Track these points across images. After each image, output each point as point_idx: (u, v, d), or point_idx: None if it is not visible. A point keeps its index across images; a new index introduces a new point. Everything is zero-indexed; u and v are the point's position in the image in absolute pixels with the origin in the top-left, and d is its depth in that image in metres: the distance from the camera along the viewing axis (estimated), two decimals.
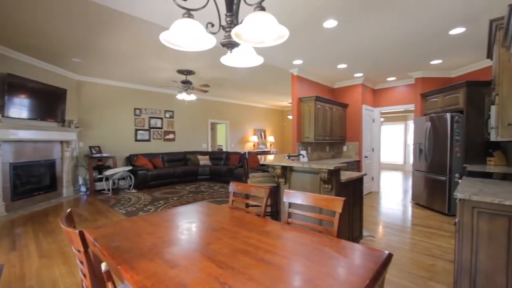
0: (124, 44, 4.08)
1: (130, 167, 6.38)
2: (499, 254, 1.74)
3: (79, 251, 1.07)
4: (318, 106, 4.91)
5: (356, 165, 5.68)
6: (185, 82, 5.93)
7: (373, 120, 6.30)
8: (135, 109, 7.27)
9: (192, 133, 8.79)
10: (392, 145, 11.53)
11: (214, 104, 9.43)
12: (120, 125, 7.00)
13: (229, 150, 9.98)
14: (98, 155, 6.21)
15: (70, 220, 1.31)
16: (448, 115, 4.28)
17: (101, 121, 6.63)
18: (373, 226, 3.83)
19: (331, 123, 5.33)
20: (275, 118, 12.05)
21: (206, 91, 6.43)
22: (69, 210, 1.36)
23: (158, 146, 7.88)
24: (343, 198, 1.47)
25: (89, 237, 1.41)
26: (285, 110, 12.18)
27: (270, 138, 11.43)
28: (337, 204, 1.48)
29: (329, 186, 2.47)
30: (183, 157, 8.19)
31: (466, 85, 4.17)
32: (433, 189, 4.59)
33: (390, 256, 1.16)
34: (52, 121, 5.37)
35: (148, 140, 7.65)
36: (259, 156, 3.92)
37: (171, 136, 8.20)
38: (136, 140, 7.35)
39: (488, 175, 3.00)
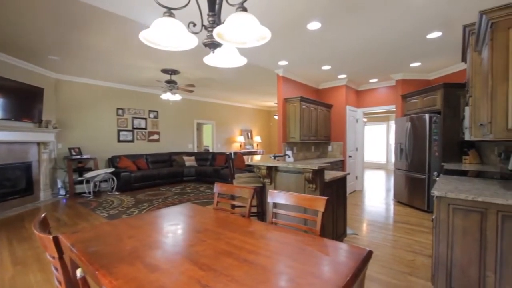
0: (106, 42, 3.96)
1: (113, 169, 6.19)
2: (472, 248, 1.83)
3: (53, 257, 1.03)
4: (303, 106, 4.96)
5: (340, 165, 5.80)
6: (170, 82, 5.83)
7: (357, 121, 6.46)
8: (117, 109, 7.07)
9: (177, 133, 8.65)
10: (375, 144, 11.86)
11: (200, 104, 9.33)
12: (101, 125, 6.78)
13: (216, 150, 9.91)
14: (78, 156, 5.99)
15: (44, 225, 1.25)
16: (427, 116, 4.46)
17: (81, 122, 6.40)
18: (357, 224, 3.92)
19: (316, 124, 5.41)
20: (261, 118, 12.09)
21: (191, 91, 6.35)
22: (43, 214, 1.30)
23: (142, 147, 7.70)
24: (326, 198, 1.49)
25: (65, 243, 1.35)
26: (271, 110, 12.25)
27: (257, 138, 11.45)
28: (320, 203, 1.50)
29: (314, 186, 2.51)
30: (168, 158, 8.05)
31: (443, 87, 4.35)
32: (413, 187, 4.77)
33: (370, 253, 1.19)
34: (28, 122, 5.12)
35: (132, 141, 7.45)
36: (245, 157, 3.92)
37: (155, 136, 8.03)
38: (119, 141, 7.14)
39: (463, 173, 3.14)
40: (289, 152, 4.88)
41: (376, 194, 6.17)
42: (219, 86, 7.23)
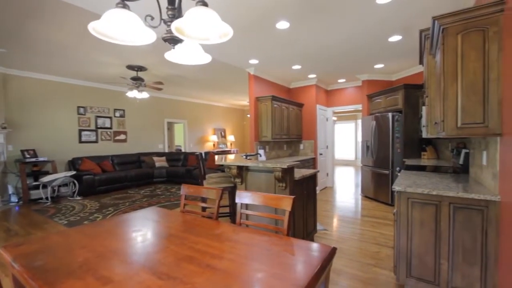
0: (61, 34, 3.64)
1: (74, 172, 5.75)
2: (428, 238, 1.96)
3: None
4: (275, 105, 5.00)
5: (312, 162, 5.94)
6: (136, 79, 5.54)
7: (327, 119, 6.66)
8: (78, 107, 6.57)
9: (146, 133, 8.27)
10: (345, 142, 12.37)
11: (171, 103, 9.01)
12: (60, 125, 6.26)
13: (188, 150, 9.66)
14: (33, 159, 5.46)
15: None
16: (390, 115, 4.72)
17: (36, 121, 5.85)
18: (327, 220, 4.04)
19: (288, 122, 5.48)
20: (235, 117, 12.01)
21: (160, 89, 6.09)
22: None
23: (107, 148, 7.25)
24: (292, 197, 1.49)
25: (6, 257, 1.20)
26: (245, 109, 12.21)
27: (230, 138, 11.35)
28: (286, 202, 1.50)
29: (283, 184, 2.52)
30: (137, 159, 7.68)
31: (404, 87, 4.63)
32: (379, 182, 5.03)
33: (333, 250, 1.21)
34: None
35: (95, 142, 6.98)
36: (217, 156, 3.84)
37: (122, 136, 7.60)
38: (81, 141, 6.65)
39: (422, 168, 3.37)
40: (261, 151, 4.88)
41: (345, 190, 6.43)
42: (190, 84, 7.03)
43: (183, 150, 9.84)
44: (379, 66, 4.96)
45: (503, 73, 1.66)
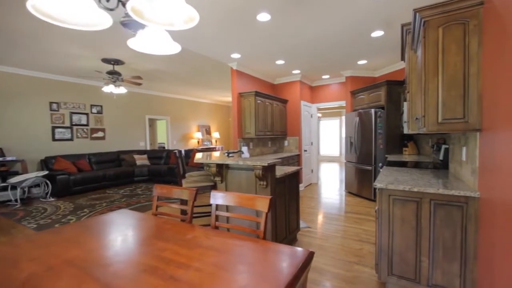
0: (23, 21, 3.35)
1: (46, 172, 5.41)
2: (410, 236, 1.93)
3: None
4: (259, 101, 4.89)
5: (296, 159, 5.90)
6: (112, 73, 5.25)
7: (311, 116, 6.64)
8: (51, 103, 6.18)
9: (126, 130, 7.95)
10: (330, 138, 12.48)
11: (152, 99, 8.70)
12: (31, 122, 5.86)
13: (171, 147, 9.40)
14: (0, 159, 5.09)
15: None
16: (373, 111, 4.73)
17: (2, 118, 5.44)
18: (311, 217, 4.01)
19: (272, 119, 5.40)
20: (220, 113, 11.81)
21: (139, 84, 5.83)
22: None
23: (83, 146, 6.89)
24: (269, 197, 1.40)
25: None
26: (230, 105, 12.03)
27: (215, 134, 11.16)
28: (263, 203, 1.40)
29: (265, 183, 2.43)
30: (116, 157, 7.36)
31: (386, 84, 4.66)
32: (362, 178, 5.06)
33: (311, 255, 1.12)
34: None
35: (71, 139, 6.61)
36: (198, 154, 3.69)
37: (100, 134, 7.26)
38: (54, 139, 6.27)
39: (404, 164, 3.38)
40: (244, 148, 4.77)
41: (330, 186, 6.45)
42: (172, 79, 6.79)
43: (166, 148, 9.57)
44: (362, 62, 4.96)
45: (483, 67, 1.63)
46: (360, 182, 5.11)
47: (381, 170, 3.33)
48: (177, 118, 9.64)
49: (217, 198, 1.58)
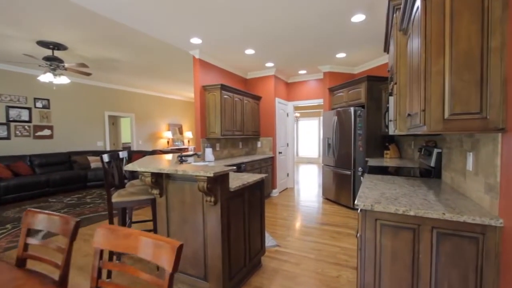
0: None
1: None
2: (403, 276, 1.39)
3: None
4: (225, 96, 4.26)
5: (270, 162, 5.34)
6: (51, 59, 4.38)
7: (287, 114, 6.11)
8: None
9: (80, 128, 6.98)
10: (308, 140, 12.11)
11: (113, 93, 7.77)
12: None
13: (136, 148, 8.51)
14: None
15: None
16: (352, 109, 4.27)
17: None
18: (282, 231, 3.44)
19: (242, 116, 4.79)
20: (193, 111, 11.01)
21: (87, 74, 4.98)
22: None
23: (24, 146, 5.89)
24: (177, 244, 0.78)
25: None
26: None
27: (188, 134, 10.36)
28: (166, 255, 0.78)
29: (212, 199, 1.81)
30: (67, 159, 6.40)
31: (367, 79, 4.21)
32: (340, 184, 4.59)
33: None
34: None
35: (7, 138, 5.60)
36: (146, 157, 3.00)
37: (46, 132, 6.26)
38: None
39: (385, 170, 2.91)
40: (208, 150, 4.13)
41: (307, 191, 5.96)
42: (131, 70, 5.97)
43: (132, 149, 8.64)
44: (341, 55, 4.48)
45: (509, 39, 1.13)
46: (338, 188, 4.64)
47: (362, 178, 2.83)
48: (143, 115, 8.77)
49: (98, 237, 0.93)
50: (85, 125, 7.07)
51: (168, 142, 9.65)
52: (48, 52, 4.53)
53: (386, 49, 3.26)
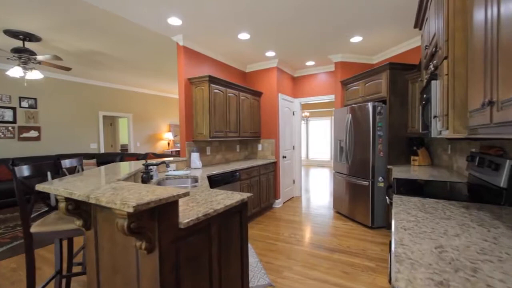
0: None
1: None
2: None
3: None
4: (215, 90, 3.57)
5: (272, 168, 4.59)
6: (21, 51, 3.86)
7: (293, 113, 5.34)
8: None
9: (72, 129, 6.51)
10: (320, 141, 11.22)
11: (107, 92, 7.28)
12: None
13: (134, 150, 8.00)
14: None
15: None
16: (370, 105, 3.46)
17: None
18: (281, 261, 2.70)
19: (236, 115, 4.07)
20: None
21: (67, 68, 4.44)
22: None
23: (8, 148, 5.46)
24: None
25: None
26: None
27: None
28: None
29: (143, 245, 1.11)
30: (55, 163, 5.91)
31: (389, 67, 3.39)
32: (355, 196, 3.78)
33: None
34: None
35: None
36: (94, 169, 2.36)
37: (33, 133, 5.82)
38: None
39: (420, 186, 2.12)
40: (194, 155, 3.44)
41: (316, 201, 5.16)
42: (117, 65, 5.40)
43: (129, 151, 8.14)
44: (356, 39, 3.67)
45: None
46: (353, 202, 3.83)
47: (388, 197, 2.06)
48: (142, 116, 8.26)
49: None
50: (77, 126, 6.60)
51: (168, 143, 9.10)
52: (18, 43, 4.01)
53: (419, 24, 2.46)
